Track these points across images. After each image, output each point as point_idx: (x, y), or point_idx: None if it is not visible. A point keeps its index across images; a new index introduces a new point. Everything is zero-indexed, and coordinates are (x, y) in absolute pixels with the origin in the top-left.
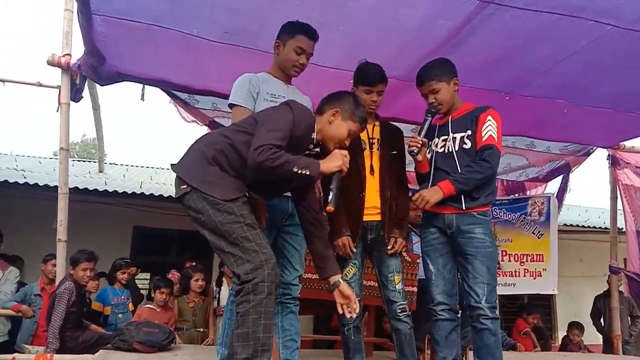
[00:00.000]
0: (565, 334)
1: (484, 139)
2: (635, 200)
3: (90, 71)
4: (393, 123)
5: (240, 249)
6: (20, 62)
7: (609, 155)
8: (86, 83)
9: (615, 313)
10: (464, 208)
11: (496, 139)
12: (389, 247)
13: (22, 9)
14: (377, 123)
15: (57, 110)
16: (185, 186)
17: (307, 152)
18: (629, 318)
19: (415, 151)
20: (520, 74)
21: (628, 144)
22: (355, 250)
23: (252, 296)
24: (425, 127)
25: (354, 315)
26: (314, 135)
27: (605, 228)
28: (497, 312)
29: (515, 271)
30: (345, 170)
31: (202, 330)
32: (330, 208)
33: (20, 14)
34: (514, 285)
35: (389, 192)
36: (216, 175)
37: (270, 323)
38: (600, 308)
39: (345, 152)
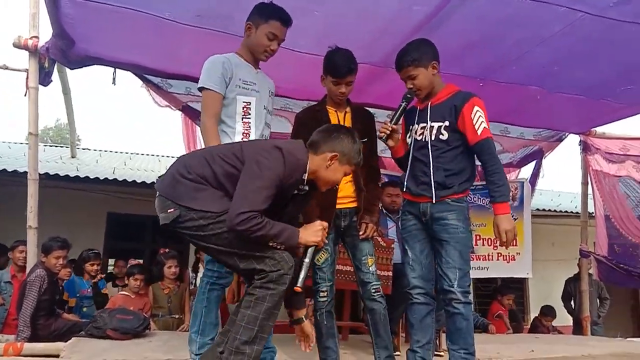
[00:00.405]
0: (537, 316)
1: (479, 133)
2: (604, 186)
3: (59, 54)
4: (365, 107)
5: (256, 257)
6: None
7: (580, 141)
8: (55, 66)
9: (585, 295)
10: (433, 201)
11: (489, 129)
12: (360, 233)
13: None
14: (347, 110)
15: (25, 95)
16: (172, 209)
17: (295, 192)
18: (598, 300)
19: (383, 137)
20: (493, 60)
21: (599, 130)
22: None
23: (274, 285)
24: (399, 113)
25: (310, 350)
26: (305, 176)
27: (577, 212)
28: (471, 297)
29: (488, 255)
30: (321, 246)
31: (177, 316)
32: (298, 289)
33: None
34: (487, 269)
35: (361, 180)
36: (205, 191)
37: (277, 313)
38: (571, 291)
39: (325, 224)
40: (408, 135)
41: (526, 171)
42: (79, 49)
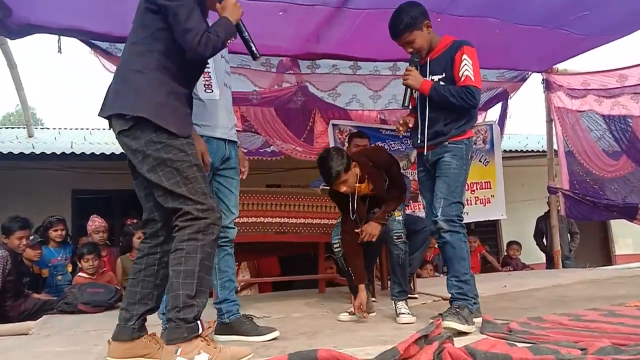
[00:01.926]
0: (505, 254)
1: (461, 80)
2: (567, 122)
3: None
4: (365, 156)
5: (190, 190)
6: None
7: (543, 79)
8: None
9: (555, 231)
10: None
11: (473, 78)
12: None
13: None
14: (362, 185)
15: None
16: (129, 116)
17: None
18: (569, 235)
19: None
20: None
21: (561, 67)
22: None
23: (202, 235)
24: (408, 96)
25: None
26: None
27: (543, 151)
28: (459, 227)
29: (467, 200)
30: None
31: None
32: (257, 57)
33: None
34: (467, 214)
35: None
36: (170, 104)
37: (212, 266)
38: (542, 228)
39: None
40: (414, 91)
41: (493, 114)
42: (18, 17)
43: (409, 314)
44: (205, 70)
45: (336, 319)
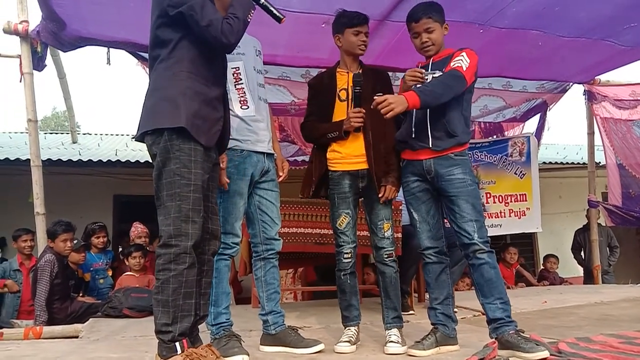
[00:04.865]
0: (542, 267)
1: (451, 65)
2: (616, 133)
3: (51, 37)
4: (378, 68)
5: (174, 208)
6: None
7: (585, 91)
8: (48, 50)
9: (595, 245)
10: (437, 149)
11: (464, 68)
12: (380, 195)
13: None
14: (359, 71)
15: (20, 81)
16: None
17: None
18: (608, 249)
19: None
20: (493, 3)
21: (603, 78)
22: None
23: (174, 265)
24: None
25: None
26: None
27: (583, 164)
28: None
29: (500, 212)
30: None
31: None
32: (283, 20)
33: None
34: (500, 226)
35: (370, 137)
36: (202, 116)
37: (192, 291)
38: (581, 241)
39: None
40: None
41: (531, 125)
42: (71, 30)
43: (398, 343)
44: (239, 86)
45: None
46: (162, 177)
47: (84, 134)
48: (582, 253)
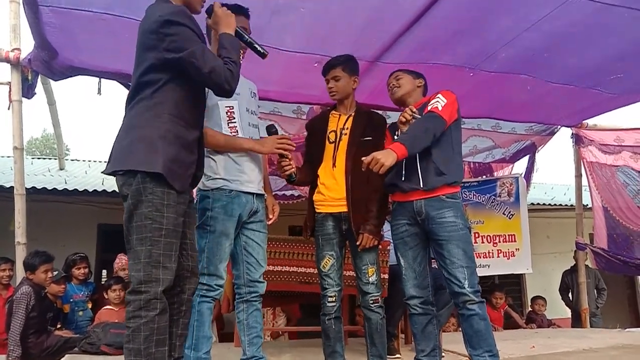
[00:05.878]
0: (530, 309)
1: (428, 109)
2: (601, 177)
3: (42, 66)
4: (374, 111)
5: (145, 253)
6: None
7: (572, 134)
8: (39, 78)
9: (583, 287)
10: (427, 188)
11: (439, 108)
12: (357, 243)
13: None
14: (352, 113)
15: (9, 108)
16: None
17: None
18: (595, 291)
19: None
20: (482, 48)
21: (590, 122)
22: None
23: (145, 312)
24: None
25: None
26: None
27: (571, 205)
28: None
29: (489, 252)
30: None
31: None
32: (265, 55)
33: None
34: (488, 267)
35: (350, 181)
36: (179, 160)
37: (165, 337)
38: (568, 283)
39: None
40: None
41: (520, 166)
42: (63, 59)
43: None
44: (232, 124)
45: None
46: (132, 220)
47: (72, 160)
48: (570, 295)
